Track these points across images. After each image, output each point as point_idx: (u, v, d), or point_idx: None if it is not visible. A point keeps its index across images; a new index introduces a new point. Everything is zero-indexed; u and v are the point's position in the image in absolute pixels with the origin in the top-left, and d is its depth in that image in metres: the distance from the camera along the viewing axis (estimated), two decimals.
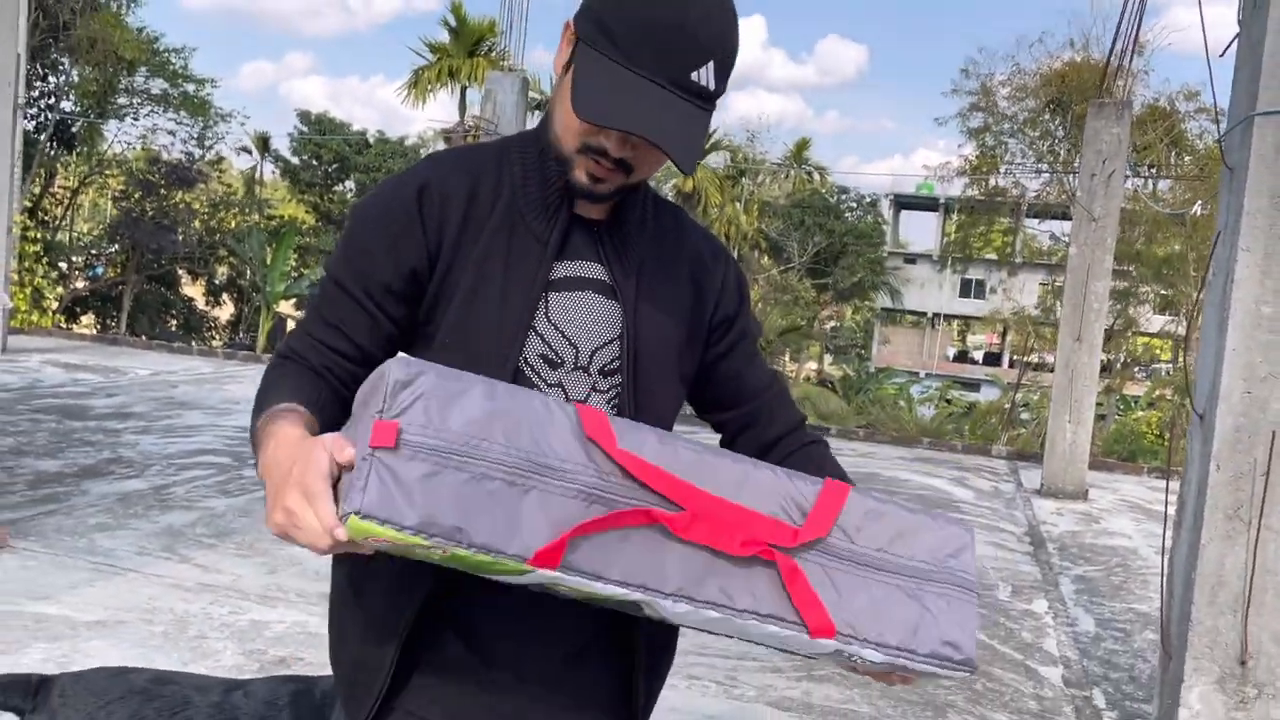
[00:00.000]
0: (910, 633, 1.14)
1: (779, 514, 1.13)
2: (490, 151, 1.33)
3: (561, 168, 1.26)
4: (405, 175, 1.30)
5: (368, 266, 1.26)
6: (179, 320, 27.89)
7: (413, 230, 1.25)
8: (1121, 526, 7.54)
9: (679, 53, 1.16)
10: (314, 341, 1.28)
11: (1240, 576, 3.13)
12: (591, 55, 1.18)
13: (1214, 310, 3.30)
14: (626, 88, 1.16)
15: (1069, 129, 17.25)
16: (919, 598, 1.16)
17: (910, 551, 1.17)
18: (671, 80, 1.17)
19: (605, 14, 1.18)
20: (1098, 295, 8.07)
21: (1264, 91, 3.06)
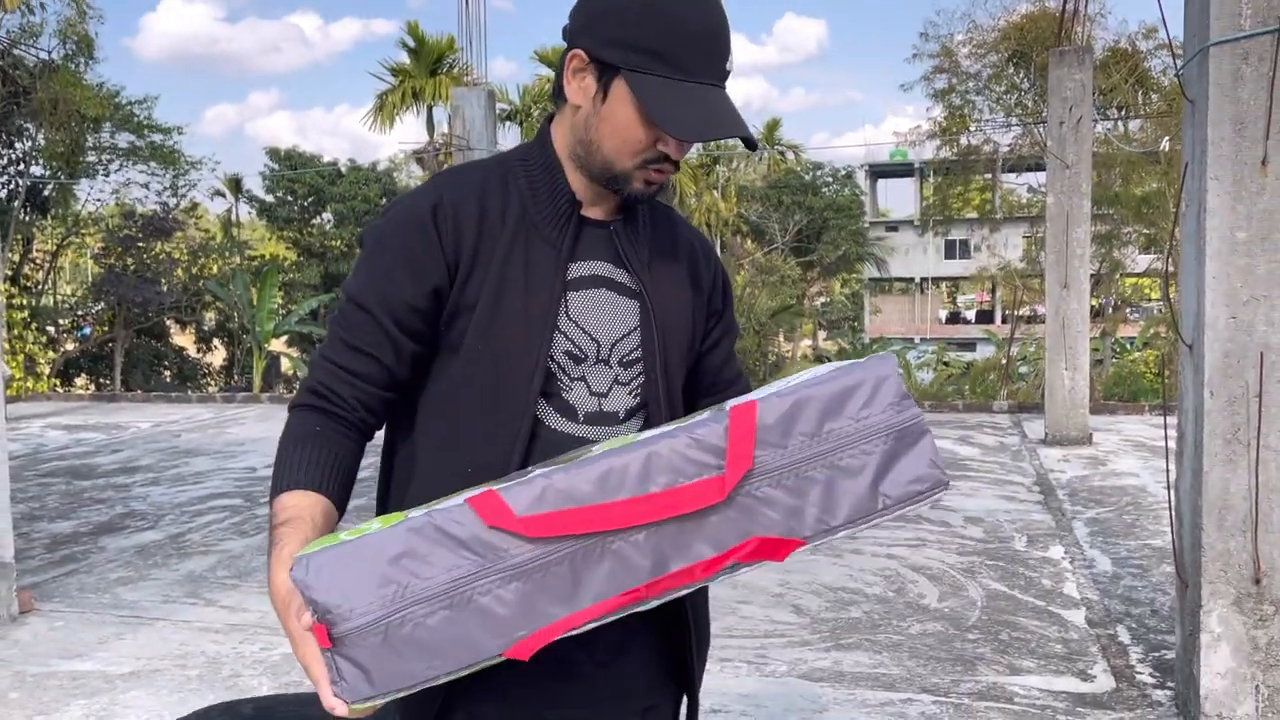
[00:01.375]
0: (873, 495, 1.15)
1: (699, 473, 1.12)
2: (492, 167, 1.39)
3: (614, 184, 1.33)
4: (415, 196, 1.34)
5: (391, 289, 1.30)
6: (172, 370, 27.86)
7: (431, 249, 1.30)
8: (1129, 466, 7.60)
9: (718, 53, 1.28)
10: (342, 372, 1.31)
11: (1245, 498, 3.19)
12: (647, 80, 1.25)
13: (1191, 241, 3.36)
14: (696, 99, 1.26)
15: (1034, 80, 17.30)
16: (870, 456, 1.15)
17: (841, 423, 1.15)
18: (719, 78, 1.29)
19: (641, 39, 1.25)
20: (1080, 241, 8.13)
21: (1215, 21, 3.12)
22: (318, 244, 31.70)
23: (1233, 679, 3.22)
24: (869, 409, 1.15)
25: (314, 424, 1.30)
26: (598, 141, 1.31)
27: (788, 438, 1.13)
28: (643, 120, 1.27)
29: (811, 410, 1.14)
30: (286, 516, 1.22)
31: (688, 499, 1.10)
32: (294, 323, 27.78)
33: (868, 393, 1.15)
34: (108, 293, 22.83)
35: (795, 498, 1.13)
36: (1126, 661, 3.95)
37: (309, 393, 1.32)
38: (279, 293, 26.87)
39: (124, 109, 22.38)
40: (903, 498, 1.15)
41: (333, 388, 1.31)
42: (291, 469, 1.26)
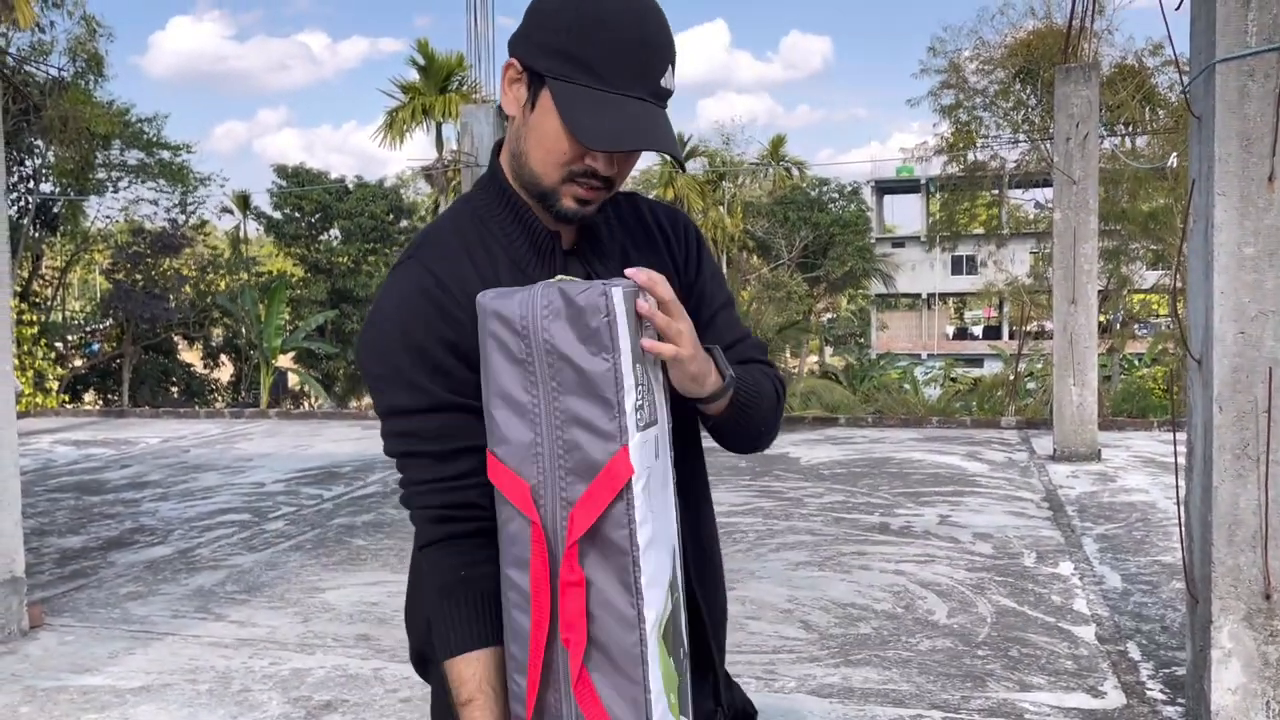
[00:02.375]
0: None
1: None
2: (465, 224, 1.34)
3: (546, 201, 1.29)
4: (408, 286, 1.28)
5: (449, 381, 1.26)
6: (180, 386, 27.92)
7: (462, 326, 1.25)
8: (1138, 482, 7.58)
9: (649, 66, 1.23)
10: (455, 483, 1.26)
11: (1255, 513, 3.19)
12: (569, 89, 1.21)
13: (1199, 258, 3.37)
14: (617, 110, 1.21)
15: (1040, 96, 17.33)
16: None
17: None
18: (650, 92, 1.23)
19: (569, 46, 1.21)
20: (1087, 257, 8.14)
21: (1221, 38, 3.14)
22: (325, 260, 31.81)
23: (1244, 695, 3.21)
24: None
25: (457, 567, 1.26)
26: (526, 153, 1.28)
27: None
28: (566, 131, 1.23)
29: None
30: (468, 695, 1.23)
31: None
32: (301, 339, 27.87)
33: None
34: (116, 309, 22.93)
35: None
36: (1137, 678, 3.94)
37: (432, 524, 1.27)
38: (286, 309, 26.96)
39: (133, 126, 22.53)
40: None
41: (456, 502, 1.26)
42: (455, 628, 1.24)
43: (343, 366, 31.70)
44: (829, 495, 7.34)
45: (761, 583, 5.20)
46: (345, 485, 8.16)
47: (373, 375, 1.29)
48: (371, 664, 4.20)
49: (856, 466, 8.50)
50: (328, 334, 30.81)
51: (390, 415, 1.28)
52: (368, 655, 4.30)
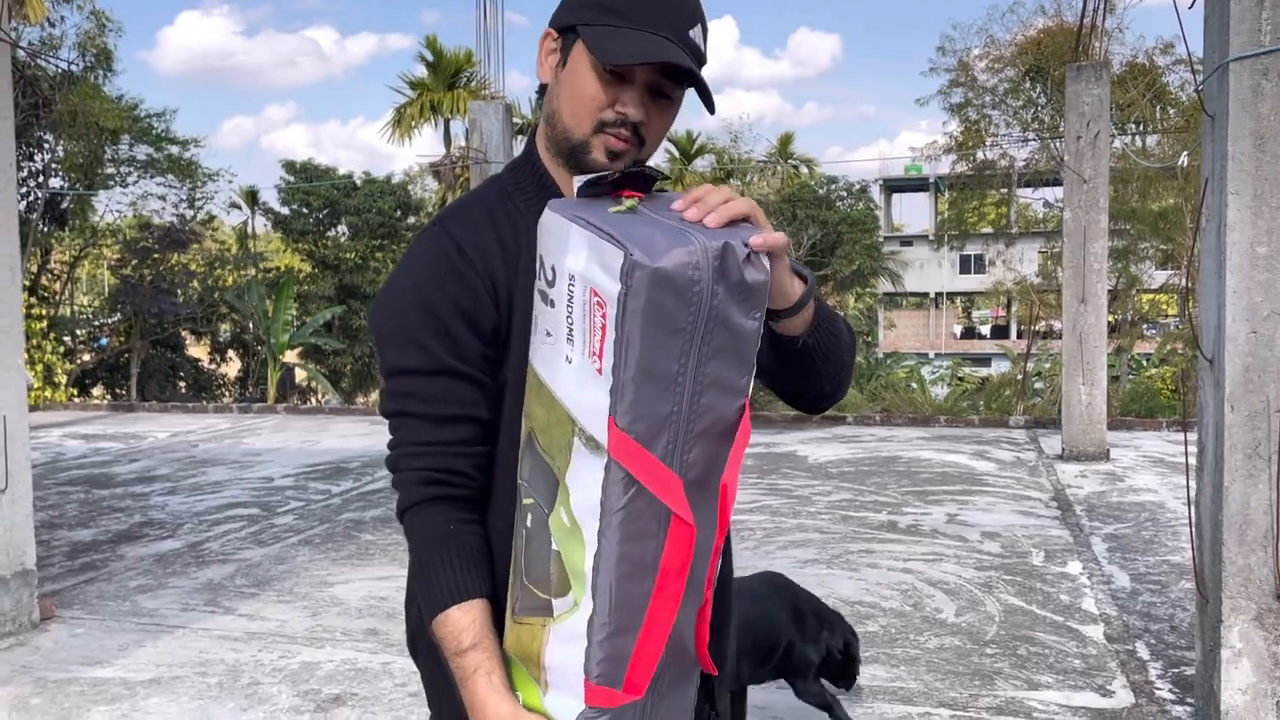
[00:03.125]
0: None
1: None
2: (492, 195, 1.35)
3: (575, 157, 1.29)
4: (428, 249, 1.29)
5: (458, 346, 1.26)
6: (188, 381, 28.00)
7: (474, 294, 1.26)
8: (1146, 482, 7.56)
9: (676, 15, 1.25)
10: (446, 448, 1.26)
11: (1266, 513, 3.18)
12: (598, 30, 1.24)
13: (1211, 257, 3.36)
14: (643, 39, 1.23)
15: (1050, 95, 17.28)
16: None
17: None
18: (677, 35, 1.25)
19: None
20: (1097, 256, 8.12)
21: (1235, 37, 3.13)
22: (332, 256, 31.84)
23: (1254, 695, 3.21)
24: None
25: (445, 521, 1.26)
26: (559, 111, 1.29)
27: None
28: (595, 72, 1.24)
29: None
30: (471, 639, 1.22)
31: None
32: (308, 334, 27.93)
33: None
34: (124, 304, 23.02)
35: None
36: (1145, 677, 3.93)
37: (421, 485, 1.27)
38: (293, 304, 27.01)
39: (142, 121, 22.60)
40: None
41: (447, 467, 1.26)
42: (447, 579, 1.24)
43: (350, 362, 31.72)
44: (837, 493, 7.33)
45: None
46: (353, 480, 8.18)
47: (382, 332, 1.29)
48: (380, 658, 4.21)
49: (864, 465, 8.49)
50: (335, 330, 30.85)
51: (393, 374, 1.28)
52: (376, 649, 4.31)
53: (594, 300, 1.02)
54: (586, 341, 1.04)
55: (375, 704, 3.76)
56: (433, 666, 1.40)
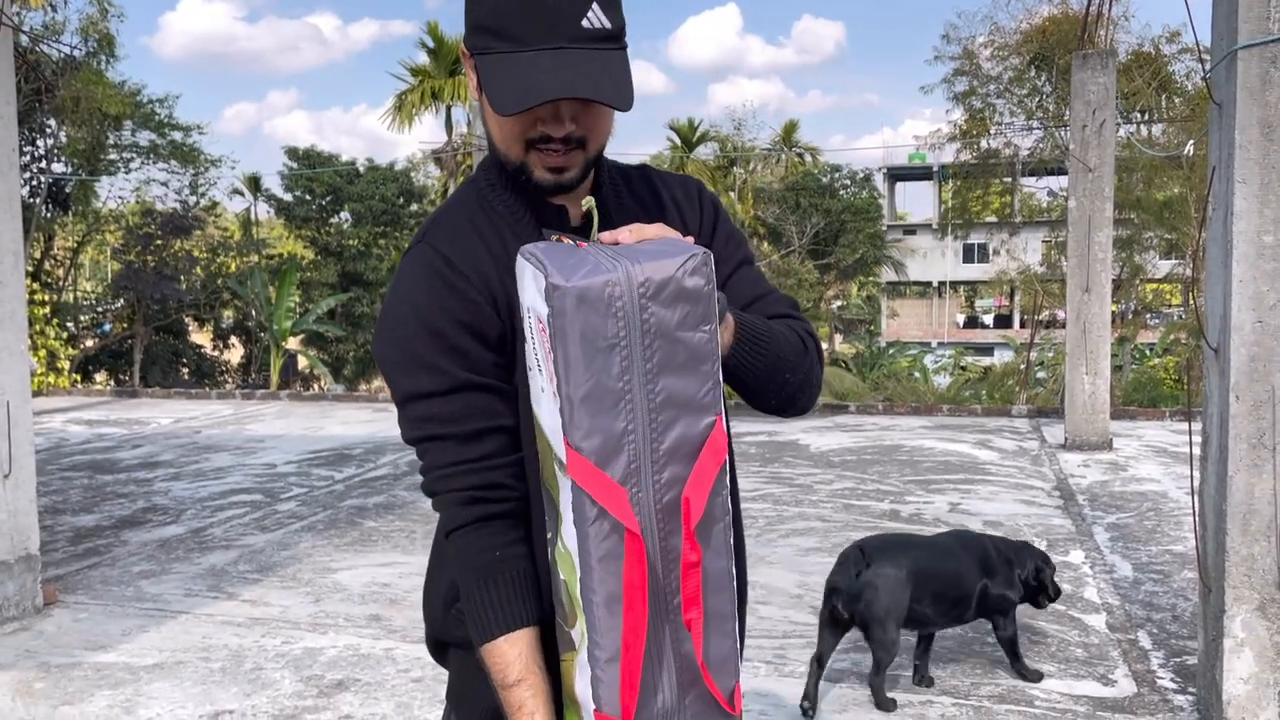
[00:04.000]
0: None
1: None
2: (469, 202, 1.33)
3: (523, 176, 1.26)
4: (417, 268, 1.26)
5: (469, 362, 1.24)
6: (190, 368, 28.05)
7: (477, 306, 1.25)
8: (1149, 472, 7.56)
9: (559, 12, 1.16)
10: (481, 464, 1.24)
11: (1270, 503, 3.18)
12: (488, 60, 1.19)
13: (1218, 245, 3.35)
14: (527, 68, 1.16)
15: (1055, 83, 17.21)
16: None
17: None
18: (569, 39, 1.16)
19: (480, 18, 1.20)
20: (1101, 245, 8.10)
21: (1243, 24, 3.11)
22: (335, 243, 31.84)
23: (1255, 684, 3.21)
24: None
25: (490, 548, 1.24)
26: (492, 136, 1.26)
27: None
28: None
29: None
30: (517, 674, 1.21)
31: None
32: (311, 321, 27.94)
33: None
34: (127, 290, 23.04)
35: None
36: (1148, 667, 3.94)
37: (462, 506, 1.25)
38: (297, 291, 27.02)
39: (145, 107, 22.57)
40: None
41: (485, 483, 1.25)
42: (495, 610, 1.23)
43: (353, 349, 31.75)
44: (839, 482, 7.33)
45: (772, 568, 5.21)
46: (356, 467, 8.19)
47: (389, 361, 1.27)
48: (383, 644, 4.22)
49: (867, 454, 8.49)
50: (338, 317, 30.86)
51: (410, 400, 1.25)
52: (379, 635, 4.32)
53: (539, 326, 1.06)
54: (545, 368, 1.07)
55: (378, 690, 3.77)
56: (458, 662, 1.41)
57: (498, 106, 1.17)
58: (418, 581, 5.04)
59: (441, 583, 1.40)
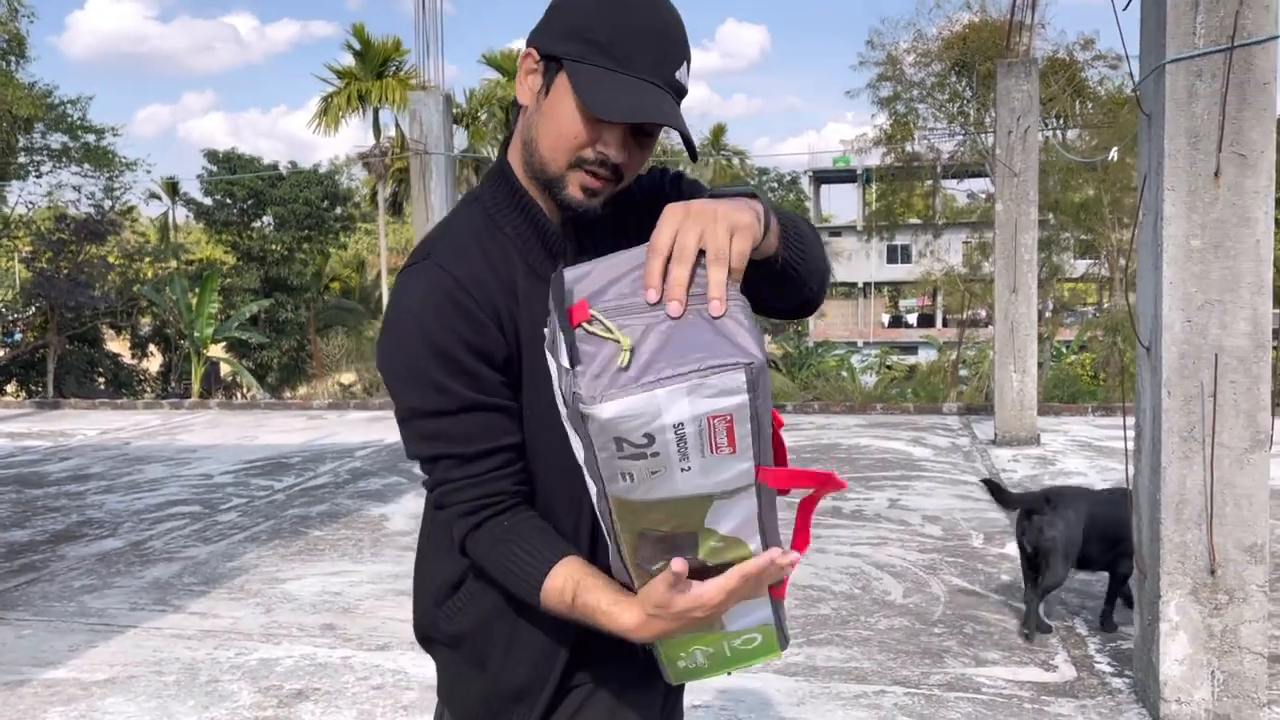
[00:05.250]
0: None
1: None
2: (478, 224, 1.34)
3: (551, 189, 1.29)
4: (426, 288, 1.27)
5: (470, 382, 1.26)
6: (107, 377, 27.27)
7: (481, 328, 1.27)
8: (1076, 466, 7.84)
9: (666, 55, 1.24)
10: (484, 477, 1.28)
11: (1201, 492, 3.36)
12: (586, 69, 1.22)
13: (1148, 249, 3.52)
14: (632, 89, 1.21)
15: (975, 89, 17.70)
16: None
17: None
18: (665, 80, 1.24)
19: (590, 30, 1.22)
20: (1027, 247, 8.37)
21: (1171, 40, 3.28)
22: (258, 248, 31.23)
23: (1190, 665, 3.39)
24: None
25: (497, 526, 1.29)
26: (537, 139, 1.28)
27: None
28: (579, 112, 1.23)
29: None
30: (571, 591, 1.22)
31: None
32: (233, 328, 27.37)
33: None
34: (39, 297, 22.30)
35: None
36: (1085, 652, 4.11)
37: (470, 515, 1.29)
38: (218, 297, 26.42)
39: (57, 109, 21.91)
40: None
41: (490, 493, 1.29)
42: (526, 566, 1.26)
43: (277, 356, 31.16)
44: None
45: None
46: (296, 476, 8.09)
47: (396, 377, 1.29)
48: (340, 652, 4.21)
49: (805, 452, 8.65)
50: (261, 323, 30.25)
51: (417, 417, 1.28)
52: (335, 644, 4.31)
53: (714, 422, 1.06)
54: (707, 448, 1.08)
55: (339, 698, 3.76)
56: (446, 657, 1.45)
57: (603, 111, 1.19)
58: (370, 590, 5.04)
59: (433, 580, 1.44)
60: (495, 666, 1.38)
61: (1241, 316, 3.30)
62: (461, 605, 1.40)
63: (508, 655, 1.38)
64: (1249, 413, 3.31)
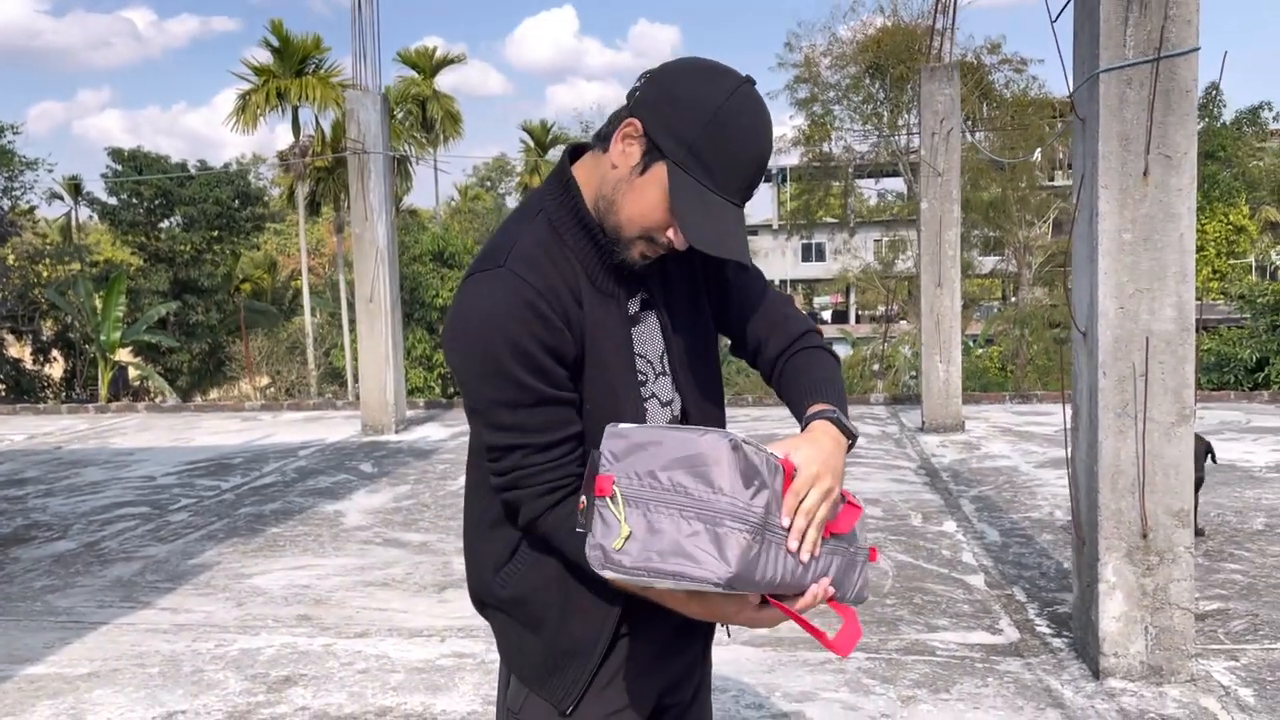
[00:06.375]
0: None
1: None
2: (546, 238, 1.47)
3: (614, 244, 1.45)
4: (505, 293, 1.39)
5: (550, 377, 1.41)
6: (8, 384, 26.33)
7: (557, 334, 1.41)
8: (1000, 450, 8.27)
9: (753, 181, 1.41)
10: (556, 463, 1.43)
11: (1134, 464, 3.69)
12: (686, 180, 1.36)
13: (1084, 243, 3.85)
14: (718, 213, 1.37)
15: (889, 91, 18.27)
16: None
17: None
18: (741, 200, 1.41)
19: (697, 143, 1.35)
20: (950, 243, 8.78)
21: (1104, 51, 3.60)
22: (166, 249, 30.46)
23: (1126, 622, 3.71)
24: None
25: (573, 503, 1.42)
26: (619, 205, 1.41)
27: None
28: (667, 208, 1.38)
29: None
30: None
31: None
32: (142, 331, 26.67)
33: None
34: None
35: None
36: (1026, 616, 4.43)
37: (544, 496, 1.43)
38: (124, 299, 25.70)
39: None
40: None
41: (562, 475, 1.44)
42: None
43: (187, 359, 30.43)
44: None
45: None
46: (241, 476, 8.07)
47: (475, 374, 1.41)
48: (320, 640, 4.31)
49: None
50: (170, 326, 29.53)
51: (495, 407, 1.41)
52: (314, 633, 4.40)
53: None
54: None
55: (327, 682, 3.87)
56: (503, 621, 1.59)
57: (694, 238, 1.36)
58: (338, 582, 5.13)
59: (487, 551, 1.58)
60: (552, 626, 1.53)
61: (1168, 303, 3.63)
62: (517, 572, 1.54)
63: (563, 616, 1.52)
64: (1175, 390, 3.64)
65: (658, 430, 1.28)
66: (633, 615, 1.52)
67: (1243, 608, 4.43)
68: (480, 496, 1.57)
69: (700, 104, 1.35)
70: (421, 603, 4.77)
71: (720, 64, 1.41)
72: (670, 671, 1.62)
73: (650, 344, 1.54)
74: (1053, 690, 3.64)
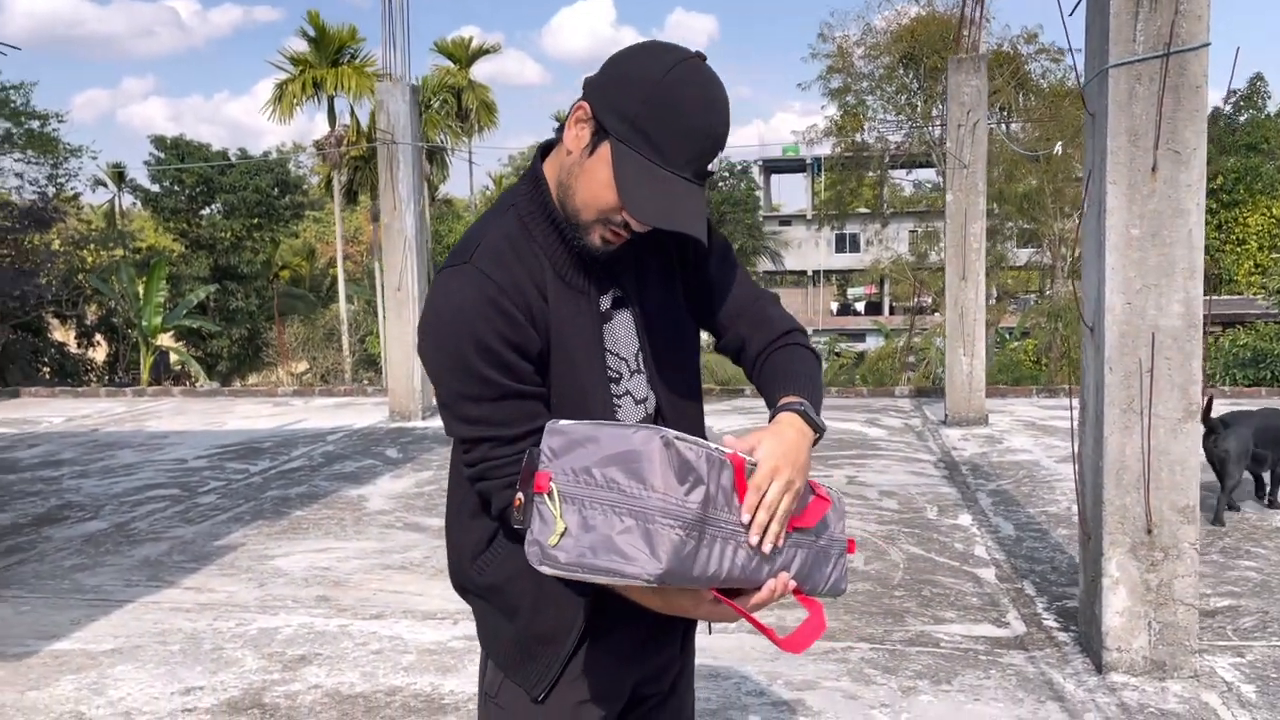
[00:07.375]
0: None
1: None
2: (513, 232, 1.48)
3: (576, 232, 1.46)
4: (465, 290, 1.40)
5: (515, 372, 1.42)
6: (52, 367, 26.85)
7: (521, 329, 1.42)
8: (1022, 444, 8.24)
9: (704, 153, 1.38)
10: (519, 455, 1.41)
11: (1139, 459, 3.69)
12: (629, 155, 1.36)
13: (1092, 238, 3.85)
14: (665, 187, 1.36)
15: (923, 81, 18.13)
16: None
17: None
18: (696, 174, 1.39)
19: (640, 118, 1.34)
20: (976, 236, 8.74)
21: (1113, 46, 3.60)
22: (207, 236, 30.88)
23: (1129, 617, 3.72)
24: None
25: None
26: (574, 189, 1.42)
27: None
28: (615, 188, 1.36)
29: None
30: None
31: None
32: (182, 315, 27.08)
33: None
34: None
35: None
36: (1034, 610, 4.45)
37: (508, 489, 1.43)
38: (166, 285, 26.11)
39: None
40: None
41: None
42: None
43: (227, 345, 30.88)
44: None
45: None
46: (270, 460, 8.23)
47: (443, 368, 1.43)
48: (336, 621, 4.42)
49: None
50: (210, 312, 29.95)
51: (460, 400, 1.43)
52: (331, 614, 4.51)
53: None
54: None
55: (341, 662, 3.97)
56: (481, 606, 1.63)
57: (636, 212, 1.36)
58: (358, 565, 5.24)
59: (465, 540, 1.62)
60: (526, 614, 1.57)
61: (1176, 299, 3.63)
62: (491, 562, 1.58)
63: (536, 605, 1.56)
64: (1182, 386, 3.64)
65: (594, 427, 1.29)
66: (609, 606, 1.54)
67: (1254, 605, 4.41)
68: (460, 487, 1.61)
69: (643, 79, 1.35)
70: (437, 586, 4.86)
71: (671, 43, 1.41)
72: (648, 663, 1.65)
73: (624, 341, 1.55)
74: (1054, 683, 3.66)
